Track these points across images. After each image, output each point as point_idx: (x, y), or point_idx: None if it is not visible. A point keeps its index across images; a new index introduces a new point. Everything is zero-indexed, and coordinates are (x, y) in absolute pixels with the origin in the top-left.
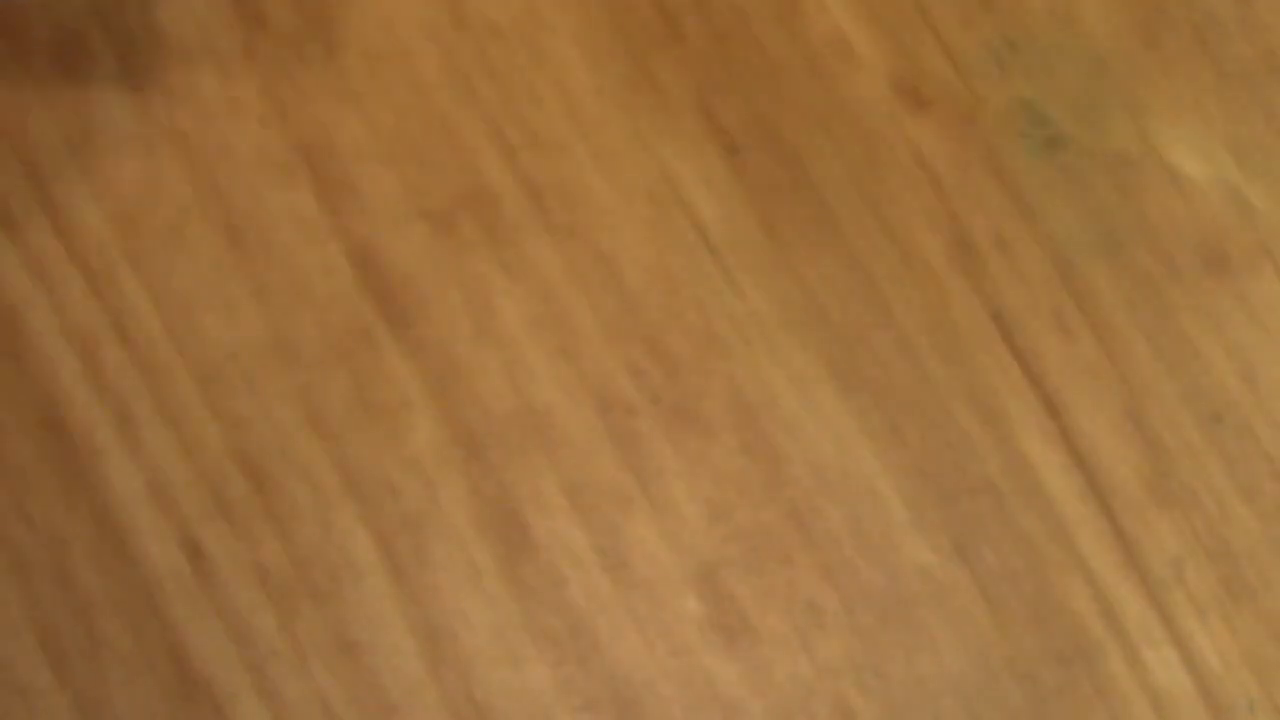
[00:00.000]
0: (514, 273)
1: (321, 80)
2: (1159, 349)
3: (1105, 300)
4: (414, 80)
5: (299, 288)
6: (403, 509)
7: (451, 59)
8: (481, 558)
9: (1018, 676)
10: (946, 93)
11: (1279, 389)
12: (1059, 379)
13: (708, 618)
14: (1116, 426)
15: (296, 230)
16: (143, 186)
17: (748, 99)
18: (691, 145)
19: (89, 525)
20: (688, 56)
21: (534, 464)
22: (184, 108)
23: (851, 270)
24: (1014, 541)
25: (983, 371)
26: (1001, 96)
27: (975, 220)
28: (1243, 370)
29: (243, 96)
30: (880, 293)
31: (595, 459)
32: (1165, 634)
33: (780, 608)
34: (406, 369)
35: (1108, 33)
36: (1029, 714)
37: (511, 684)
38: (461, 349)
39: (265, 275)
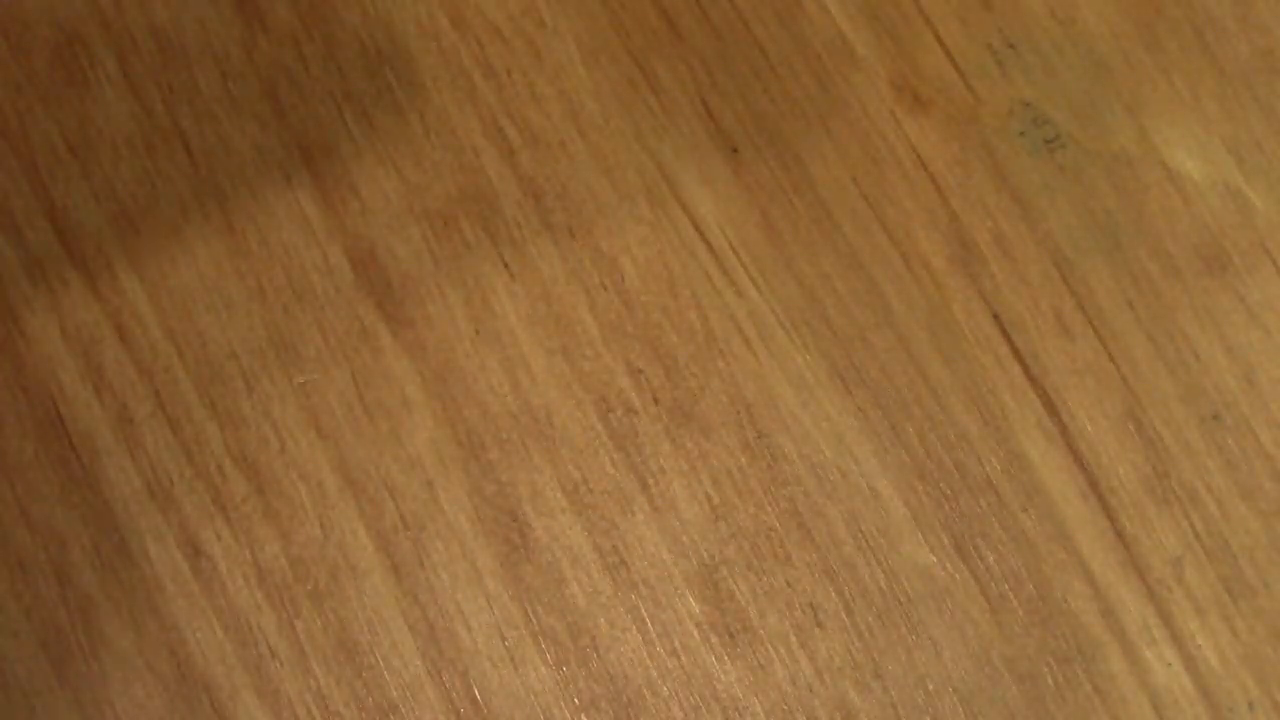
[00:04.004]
0: (514, 273)
1: (322, 80)
2: (1159, 349)
3: (1105, 300)
4: (414, 80)
5: (299, 288)
6: (403, 509)
7: (451, 59)
8: (481, 558)
9: (1018, 676)
10: (946, 93)
11: (1279, 389)
12: (1059, 379)
13: (708, 618)
14: (1116, 426)
15: (296, 230)
16: (143, 186)
17: (748, 99)
18: (691, 145)
19: (89, 525)
20: (688, 56)
21: (534, 464)
22: (184, 108)
23: (851, 270)
24: (1014, 541)
25: (983, 371)
26: (1001, 96)
27: (975, 220)
28: (1242, 370)
29: (243, 96)
30: (880, 293)
31: (595, 459)
32: (1165, 634)
33: (780, 608)
34: (406, 369)
35: (1108, 33)
36: (1029, 714)
37: (511, 684)
38: (461, 349)
39: (265, 275)
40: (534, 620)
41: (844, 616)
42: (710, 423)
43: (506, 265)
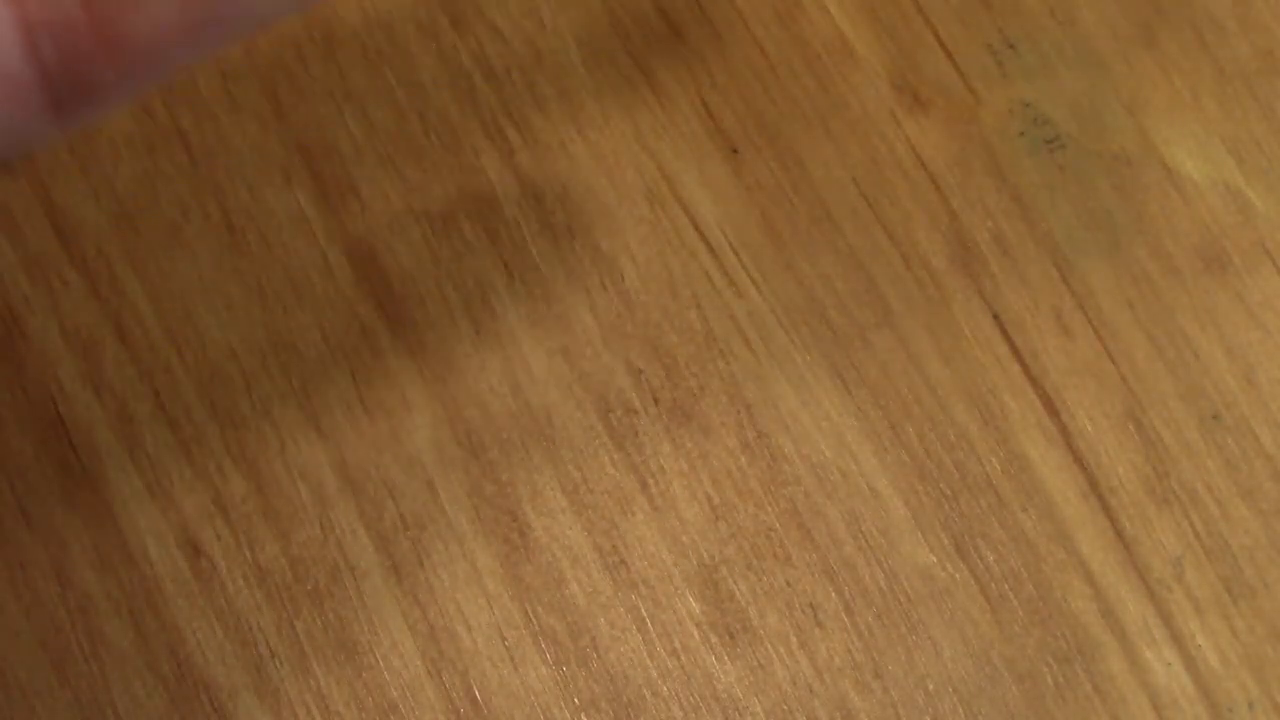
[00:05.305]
0: (514, 273)
1: (321, 80)
2: (1159, 349)
3: (1105, 300)
4: (414, 80)
5: (299, 288)
6: (403, 509)
7: (451, 59)
8: (481, 558)
9: (1018, 676)
10: (946, 93)
11: (1279, 389)
12: (1059, 379)
13: (708, 618)
14: (1116, 426)
15: (296, 230)
16: (143, 186)
17: (748, 99)
18: (691, 145)
19: (89, 525)
20: (688, 56)
21: (534, 464)
22: (184, 108)
23: (851, 270)
24: (1014, 541)
25: (983, 371)
26: (1001, 96)
27: (975, 220)
28: (1242, 370)
29: (243, 96)
30: (880, 293)
31: (595, 459)
32: (1165, 634)
33: (780, 608)
34: (406, 369)
35: (1108, 33)
36: (1029, 714)
37: (511, 684)
38: (461, 349)
39: (265, 275)
40: (534, 620)
41: (844, 616)
42: (710, 423)
43: (506, 265)
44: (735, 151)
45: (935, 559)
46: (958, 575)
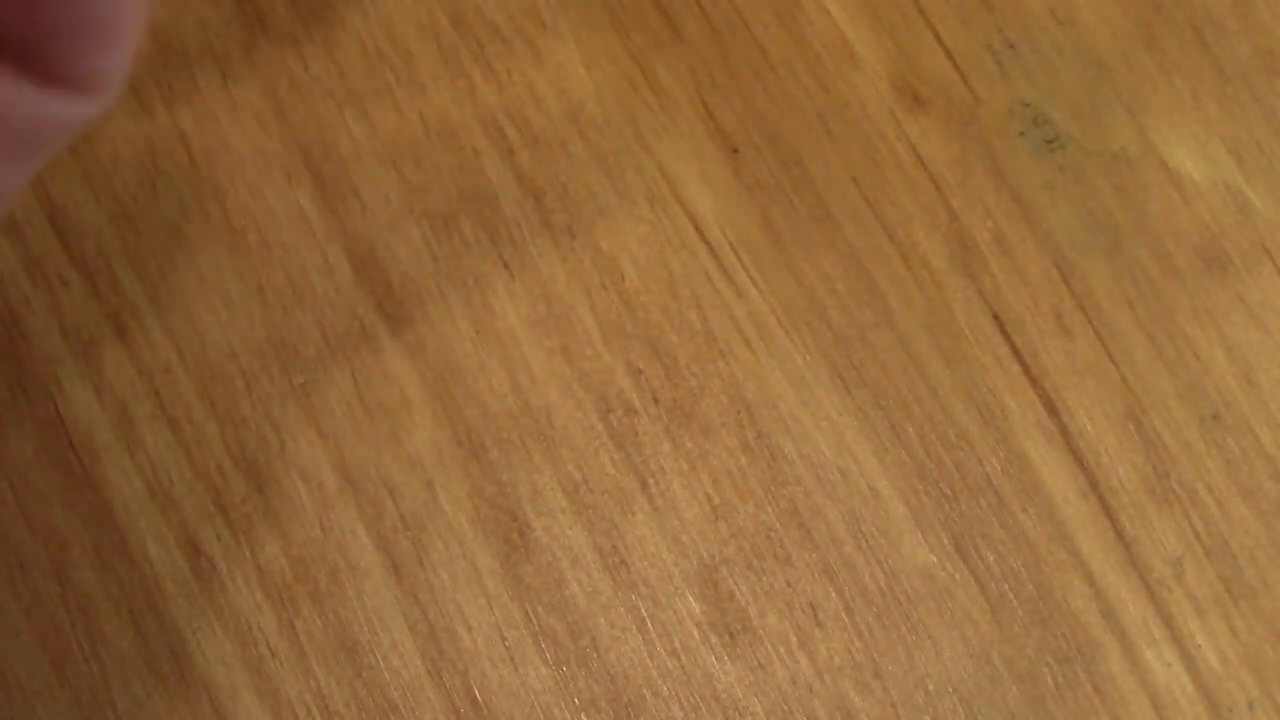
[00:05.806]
0: (514, 273)
1: (322, 80)
2: (1159, 349)
3: (1105, 300)
4: (414, 80)
5: (299, 288)
6: (403, 509)
7: (451, 59)
8: (481, 558)
9: (1018, 676)
10: (946, 93)
11: (1279, 389)
12: (1059, 379)
13: (708, 618)
14: (1116, 426)
15: (296, 230)
16: (143, 186)
17: (748, 99)
18: (691, 145)
19: (89, 525)
20: (688, 56)
21: (534, 464)
22: (184, 108)
23: (851, 270)
24: (1014, 541)
25: (983, 371)
26: (1001, 96)
27: (975, 220)
28: (1242, 370)
29: (243, 96)
30: (880, 293)
31: (595, 459)
32: (1165, 634)
33: (780, 608)
34: (406, 369)
35: (1108, 33)
36: (1029, 714)
37: (511, 684)
38: (461, 349)
39: (265, 275)
40: (534, 620)
41: (844, 616)
42: (710, 423)
43: (506, 265)
44: (735, 151)
45: (935, 559)
46: (958, 575)
